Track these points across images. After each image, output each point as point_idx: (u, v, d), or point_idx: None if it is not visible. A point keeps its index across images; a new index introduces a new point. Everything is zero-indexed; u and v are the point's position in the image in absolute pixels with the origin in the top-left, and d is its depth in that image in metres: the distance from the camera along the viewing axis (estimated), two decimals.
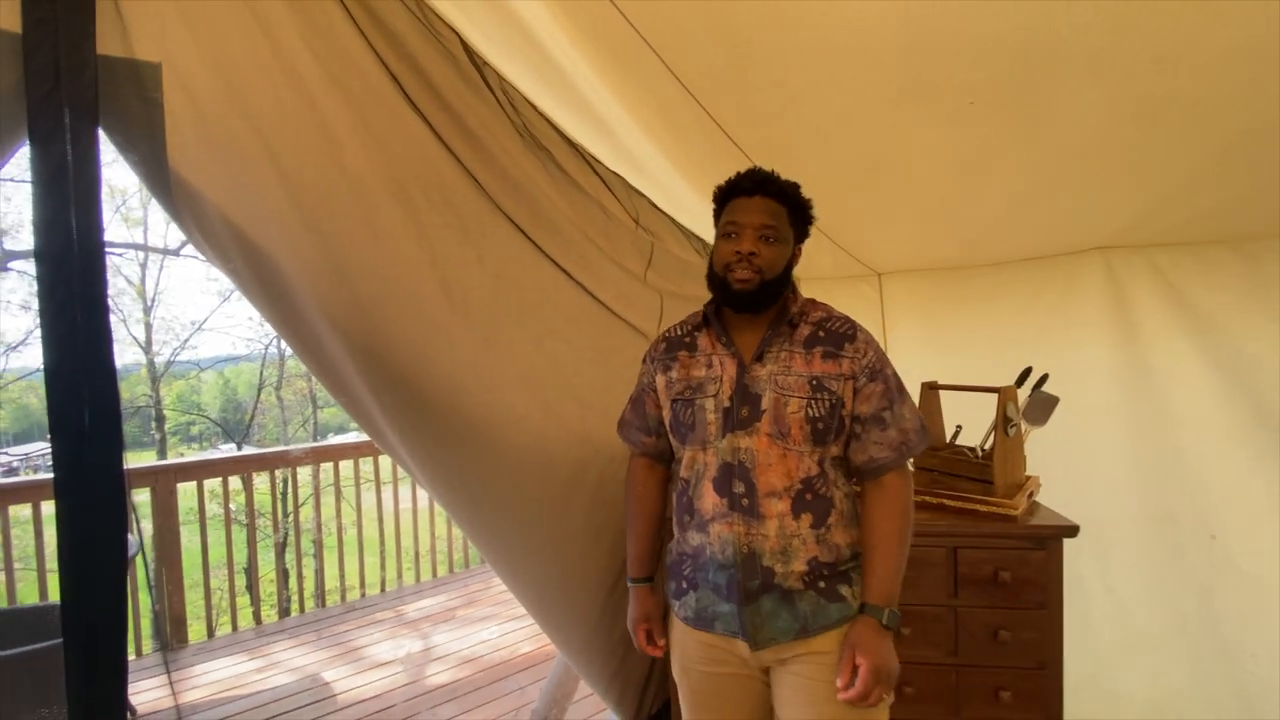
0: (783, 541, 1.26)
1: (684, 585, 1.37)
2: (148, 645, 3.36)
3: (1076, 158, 1.62)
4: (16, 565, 3.07)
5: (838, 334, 1.31)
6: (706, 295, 1.39)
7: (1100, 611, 2.14)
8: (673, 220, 2.04)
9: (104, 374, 1.05)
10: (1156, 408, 2.04)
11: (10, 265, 8.49)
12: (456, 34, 1.41)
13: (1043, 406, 1.91)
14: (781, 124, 1.65)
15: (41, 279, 1.02)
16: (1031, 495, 1.87)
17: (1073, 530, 1.69)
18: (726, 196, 1.35)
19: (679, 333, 1.44)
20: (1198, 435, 1.99)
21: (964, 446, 1.97)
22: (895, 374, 1.33)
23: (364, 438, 4.40)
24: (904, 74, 1.38)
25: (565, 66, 1.48)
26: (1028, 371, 1.96)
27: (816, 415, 1.26)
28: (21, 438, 15.28)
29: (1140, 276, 2.08)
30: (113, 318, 1.09)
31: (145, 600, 3.35)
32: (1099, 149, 1.57)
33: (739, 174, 1.35)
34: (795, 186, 1.33)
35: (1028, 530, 1.72)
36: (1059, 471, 1.98)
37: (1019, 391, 1.87)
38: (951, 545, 1.74)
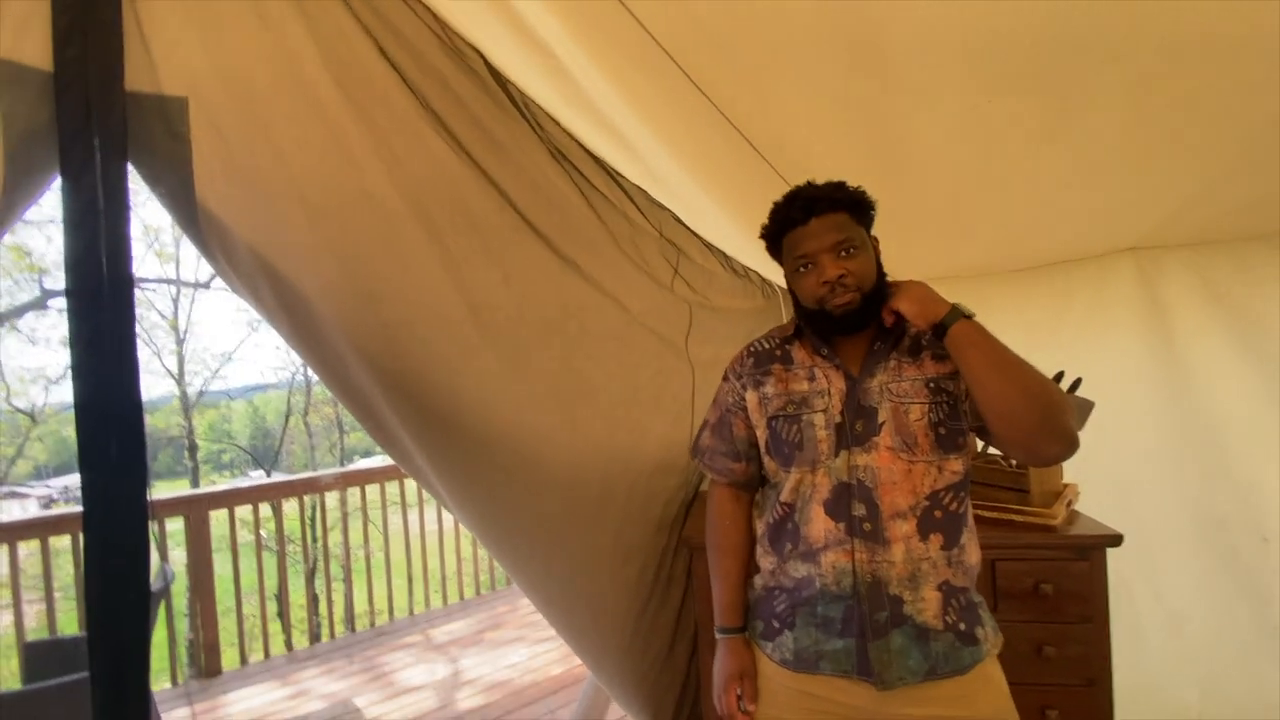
0: (910, 567, 1.15)
1: (775, 624, 1.24)
2: (183, 674, 3.39)
3: (1102, 155, 1.59)
4: (56, 595, 3.13)
5: None
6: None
7: (1150, 621, 2.06)
8: (694, 233, 2.05)
9: (131, 408, 1.06)
10: (1198, 409, 1.98)
11: (49, 304, 8.77)
12: (479, 53, 1.43)
13: (1078, 411, 1.86)
14: (798, 126, 1.63)
15: (72, 313, 1.04)
16: (1070, 503, 1.81)
17: (1116, 539, 1.63)
18: (779, 233, 1.25)
19: (766, 346, 1.33)
20: (1244, 436, 1.92)
21: (996, 455, 1.92)
22: None
23: (390, 461, 4.42)
24: (922, 70, 1.36)
25: (582, 82, 1.48)
26: (1059, 376, 1.91)
27: (938, 419, 1.18)
28: (61, 470, 15.70)
29: (1174, 276, 2.03)
30: (146, 350, 1.12)
31: (181, 628, 3.38)
32: (1126, 145, 1.54)
33: (779, 205, 1.25)
34: (840, 186, 1.23)
35: (1068, 540, 1.66)
36: (1099, 478, 1.92)
37: None
38: (989, 557, 1.68)
